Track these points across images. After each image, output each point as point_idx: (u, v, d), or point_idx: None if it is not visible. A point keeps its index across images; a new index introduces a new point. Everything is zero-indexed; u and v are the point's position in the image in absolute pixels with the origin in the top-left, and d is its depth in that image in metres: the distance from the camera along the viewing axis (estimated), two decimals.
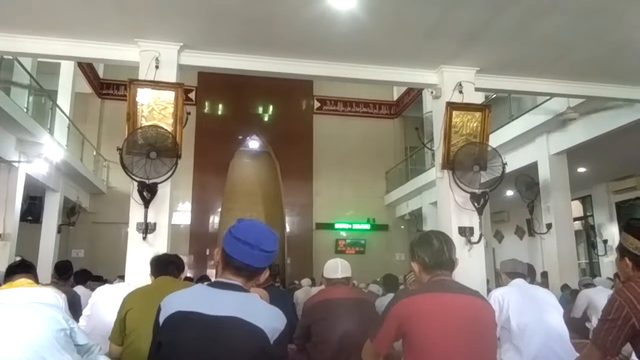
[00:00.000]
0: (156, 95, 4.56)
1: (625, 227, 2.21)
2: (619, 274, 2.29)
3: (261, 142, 16.03)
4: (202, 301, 1.55)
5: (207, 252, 13.94)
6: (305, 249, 14.72)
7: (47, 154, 9.05)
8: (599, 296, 5.41)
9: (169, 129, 4.49)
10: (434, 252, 2.01)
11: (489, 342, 1.90)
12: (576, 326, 5.45)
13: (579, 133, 8.06)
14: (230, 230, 1.63)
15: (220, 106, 15.59)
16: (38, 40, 4.69)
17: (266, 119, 15.85)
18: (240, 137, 15.56)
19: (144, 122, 4.48)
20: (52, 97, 10.58)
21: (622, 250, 2.15)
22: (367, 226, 15.52)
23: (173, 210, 4.98)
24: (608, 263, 10.78)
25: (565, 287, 7.79)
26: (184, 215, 14.42)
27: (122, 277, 4.92)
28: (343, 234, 15.44)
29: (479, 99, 5.63)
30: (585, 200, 12.25)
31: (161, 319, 1.55)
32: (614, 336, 1.98)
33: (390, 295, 4.62)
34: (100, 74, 14.52)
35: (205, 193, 14.64)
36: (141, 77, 4.60)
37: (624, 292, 2.01)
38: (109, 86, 14.60)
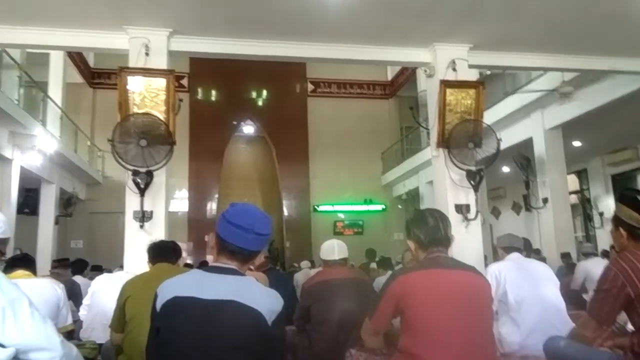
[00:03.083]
0: (147, 83, 4.51)
1: (620, 197, 2.23)
2: (614, 245, 2.31)
3: (256, 127, 15.96)
4: (198, 286, 1.56)
5: (206, 239, 13.99)
6: (303, 232, 14.79)
7: (40, 145, 9.00)
8: (596, 268, 5.45)
9: (162, 116, 4.45)
10: (429, 229, 2.02)
11: (485, 316, 1.92)
12: (574, 298, 5.52)
13: (573, 107, 8.03)
14: (224, 214, 1.64)
15: (213, 92, 15.48)
16: (25, 31, 4.61)
17: (260, 103, 15.75)
18: (234, 123, 15.48)
19: (136, 111, 4.44)
20: (43, 89, 10.48)
21: (617, 221, 2.17)
22: (365, 207, 15.57)
23: (170, 198, 4.98)
24: (604, 235, 10.87)
25: (565, 255, 7.86)
26: (181, 203, 14.43)
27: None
28: (341, 215, 15.50)
29: (473, 76, 5.58)
30: (581, 174, 12.29)
31: (158, 305, 1.56)
32: (610, 306, 2.01)
33: (389, 274, 4.66)
34: (91, 63, 14.36)
35: (202, 180, 14.62)
36: (131, 64, 4.54)
37: (618, 262, 2.03)
38: (100, 75, 14.45)
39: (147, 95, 4.51)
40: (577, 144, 9.93)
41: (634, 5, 4.53)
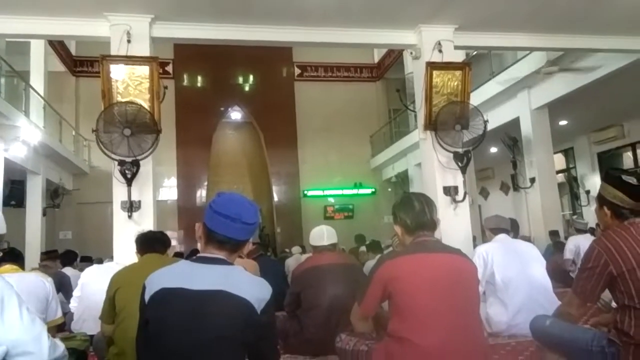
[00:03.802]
0: (130, 71, 4.44)
1: (604, 177, 2.25)
2: (599, 223, 2.35)
3: (243, 112, 15.85)
4: (186, 277, 1.56)
5: (197, 227, 13.95)
6: (294, 217, 14.82)
7: (24, 136, 8.87)
8: (587, 244, 5.52)
9: (146, 104, 4.39)
10: (415, 214, 2.03)
11: (471, 298, 1.95)
12: (561, 276, 5.61)
13: (559, 86, 8.08)
14: (211, 205, 1.64)
15: (199, 78, 15.30)
16: (3, 20, 4.51)
17: (247, 88, 15.61)
18: (221, 109, 15.35)
19: (119, 99, 4.38)
20: (24, 78, 10.29)
21: (601, 200, 2.20)
22: (355, 191, 15.61)
23: (158, 187, 4.95)
24: (591, 213, 11.01)
25: (553, 233, 7.97)
26: (170, 191, 14.34)
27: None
28: (331, 200, 15.53)
29: (459, 57, 5.57)
30: (568, 153, 12.40)
31: (146, 297, 1.55)
32: (593, 284, 2.04)
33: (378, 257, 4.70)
34: (73, 51, 14.08)
35: (190, 168, 14.53)
36: (113, 52, 4.47)
37: (602, 241, 2.06)
38: (82, 63, 14.20)
39: (131, 83, 4.44)
40: (563, 122, 10.00)
41: None
